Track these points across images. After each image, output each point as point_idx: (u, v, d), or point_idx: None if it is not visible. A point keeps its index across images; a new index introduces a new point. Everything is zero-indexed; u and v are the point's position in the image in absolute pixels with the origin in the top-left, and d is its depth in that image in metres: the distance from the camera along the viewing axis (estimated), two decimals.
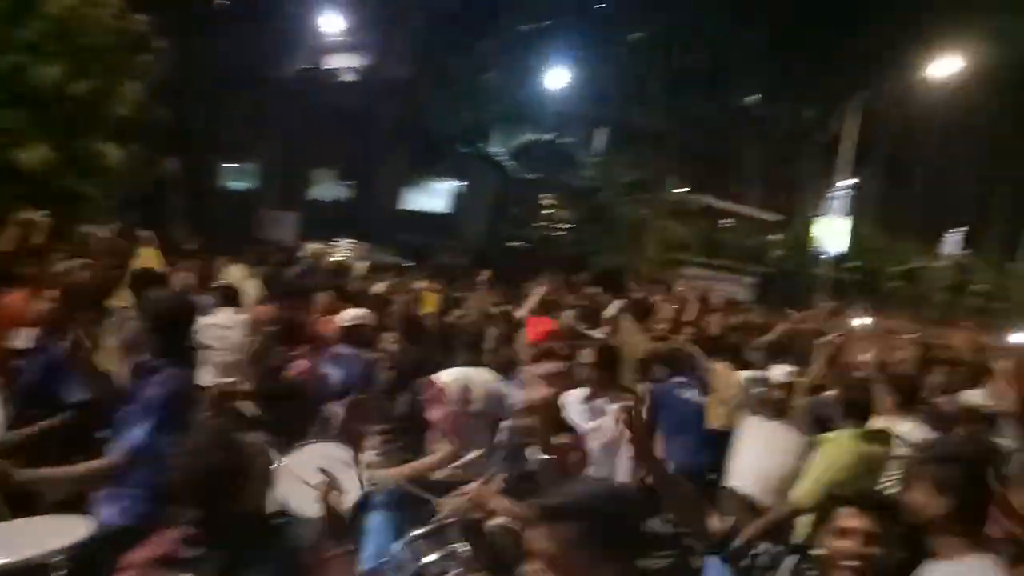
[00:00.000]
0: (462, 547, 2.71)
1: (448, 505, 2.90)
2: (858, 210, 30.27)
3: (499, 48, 21.36)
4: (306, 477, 2.60)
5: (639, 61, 21.52)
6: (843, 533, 2.11)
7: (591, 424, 3.64)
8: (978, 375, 6.06)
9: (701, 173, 29.80)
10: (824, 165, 29.03)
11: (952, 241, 33.91)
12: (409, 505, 3.26)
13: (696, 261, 23.24)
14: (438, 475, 3.40)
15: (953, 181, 36.74)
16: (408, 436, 3.63)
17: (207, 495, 1.93)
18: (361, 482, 3.04)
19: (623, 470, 3.57)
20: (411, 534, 2.80)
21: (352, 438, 3.71)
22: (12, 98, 9.73)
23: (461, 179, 24.42)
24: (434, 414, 3.45)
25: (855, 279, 28.33)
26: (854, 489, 2.25)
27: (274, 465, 2.61)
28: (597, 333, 6.08)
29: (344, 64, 23.59)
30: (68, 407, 3.41)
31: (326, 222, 19.29)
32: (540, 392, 3.00)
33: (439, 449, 3.49)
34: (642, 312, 6.81)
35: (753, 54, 23.20)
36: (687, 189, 27.81)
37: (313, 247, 14.26)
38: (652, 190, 23.56)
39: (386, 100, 21.65)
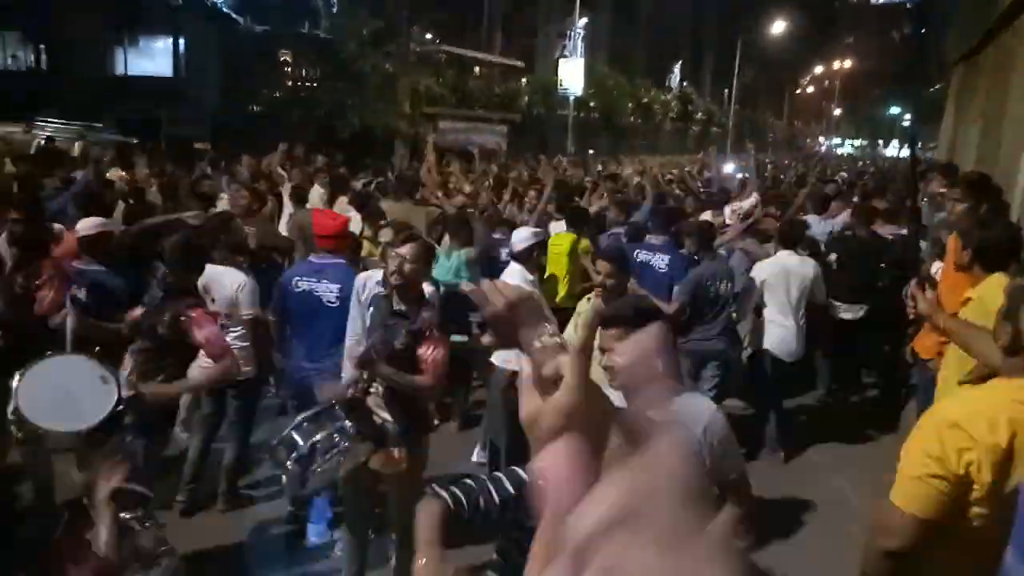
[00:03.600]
0: (347, 423, 2.93)
1: (330, 389, 3.20)
2: (591, 51, 31.57)
3: None
4: (49, 390, 2.60)
5: None
6: None
7: None
8: None
9: (442, 22, 28.97)
10: (557, 8, 29.56)
11: (675, 74, 36.84)
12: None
13: (450, 114, 22.91)
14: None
15: (671, 17, 39.58)
16: (171, 356, 3.39)
17: None
18: (118, 399, 2.82)
19: None
20: (299, 417, 2.91)
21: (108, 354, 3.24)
22: None
23: (180, 37, 21.20)
24: (199, 336, 3.33)
25: (595, 118, 30.02)
26: None
27: (15, 380, 2.58)
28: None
29: None
30: None
31: (11, 98, 15.59)
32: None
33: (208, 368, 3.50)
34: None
35: None
36: (430, 37, 26.91)
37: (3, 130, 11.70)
38: (395, 41, 22.34)
39: None
